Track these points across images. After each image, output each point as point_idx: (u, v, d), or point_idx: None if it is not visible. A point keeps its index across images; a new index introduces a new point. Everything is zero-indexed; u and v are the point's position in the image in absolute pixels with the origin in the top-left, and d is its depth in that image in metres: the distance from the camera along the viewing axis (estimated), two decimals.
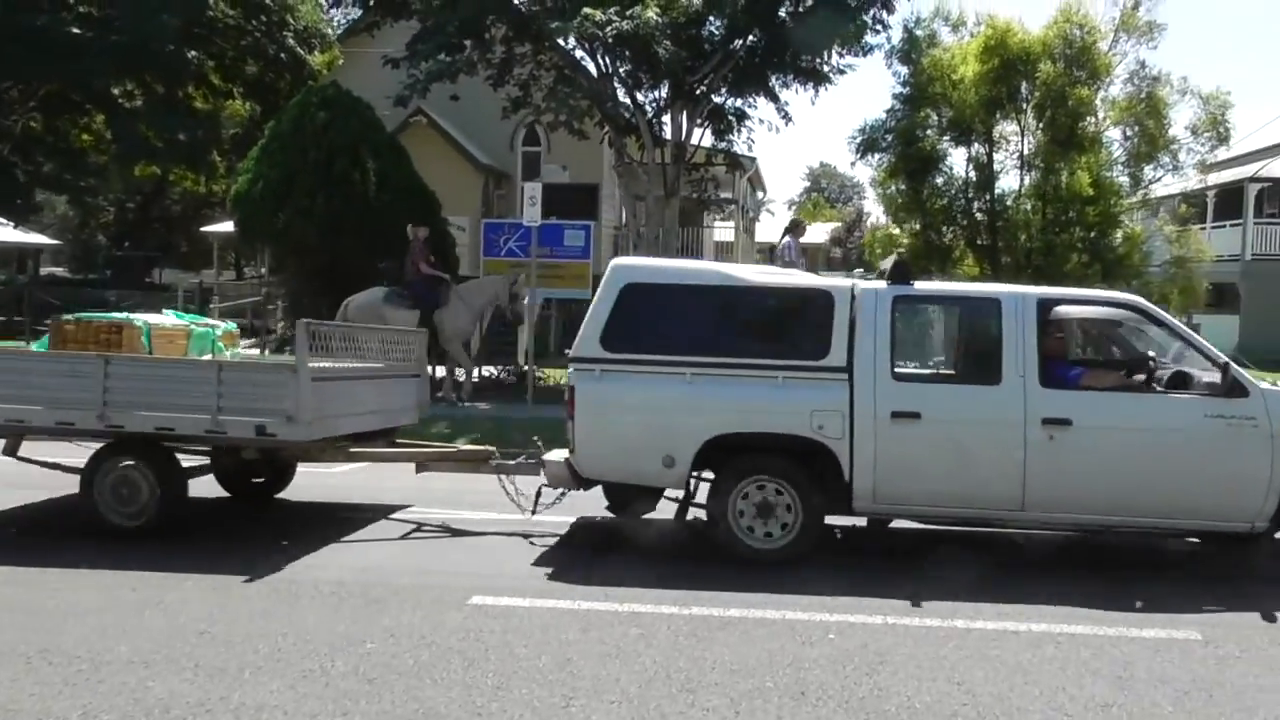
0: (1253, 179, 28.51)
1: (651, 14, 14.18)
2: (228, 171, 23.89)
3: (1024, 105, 15.07)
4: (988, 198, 15.81)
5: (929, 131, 16.11)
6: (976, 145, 15.91)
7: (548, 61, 17.42)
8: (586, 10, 14.13)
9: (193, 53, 21.06)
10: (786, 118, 18.99)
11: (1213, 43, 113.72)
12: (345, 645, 5.09)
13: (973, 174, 16.05)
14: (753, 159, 29.60)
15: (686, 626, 5.49)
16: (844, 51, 17.60)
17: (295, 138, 15.75)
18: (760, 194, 53.73)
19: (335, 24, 21.50)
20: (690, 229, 31.09)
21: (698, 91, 17.95)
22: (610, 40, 14.51)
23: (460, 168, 23.28)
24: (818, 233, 52.37)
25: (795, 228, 14.90)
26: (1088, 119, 14.96)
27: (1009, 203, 15.87)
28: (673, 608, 5.77)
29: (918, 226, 16.31)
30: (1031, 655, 5.14)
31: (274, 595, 5.93)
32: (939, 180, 16.06)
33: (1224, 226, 30.11)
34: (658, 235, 17.94)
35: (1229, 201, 29.60)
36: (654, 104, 18.59)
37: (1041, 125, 15.15)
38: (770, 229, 64.63)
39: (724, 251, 31.53)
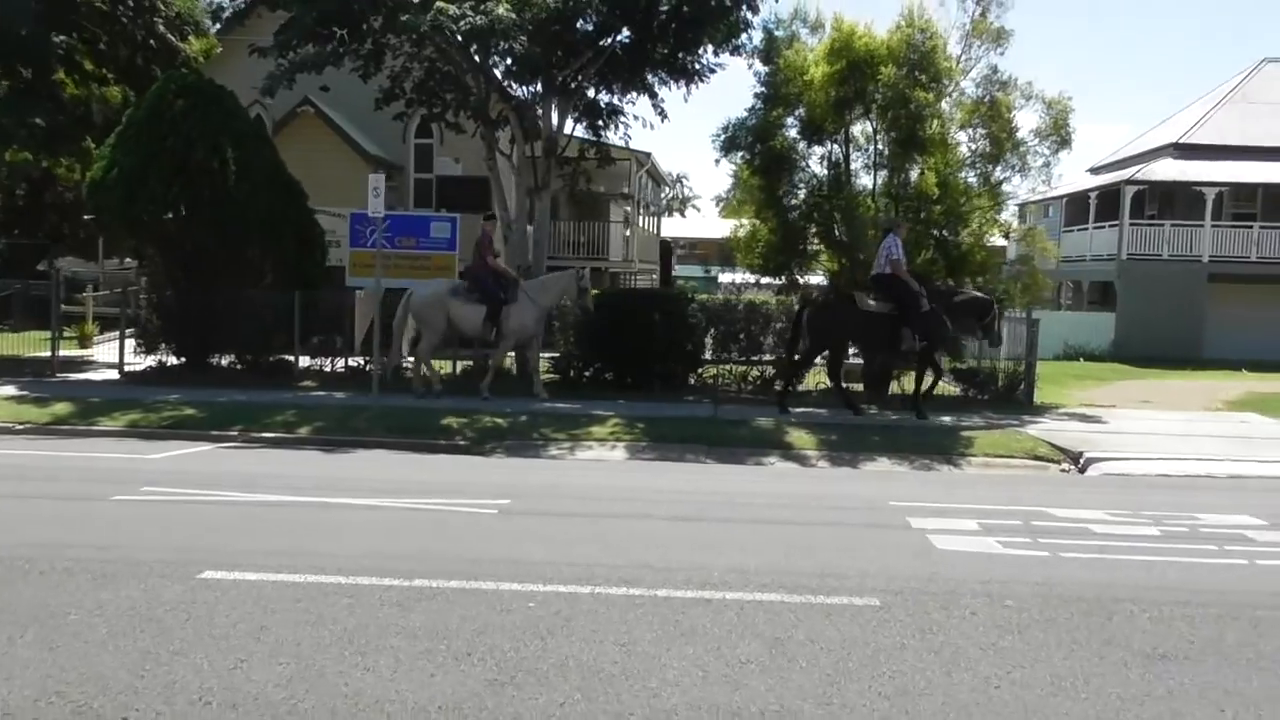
0: (1128, 182, 29.54)
1: (503, 10, 14.36)
2: None
3: (871, 107, 15.52)
4: (843, 196, 16.24)
5: (785, 131, 16.53)
6: (830, 144, 16.37)
7: (419, 54, 17.54)
8: (440, 4, 14.28)
9: (60, 37, 20.77)
10: (663, 114, 19.36)
11: (1106, 55, 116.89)
12: (47, 617, 5.25)
13: (827, 172, 16.49)
14: (648, 154, 30.02)
15: (398, 597, 5.73)
16: (717, 50, 18.00)
17: (152, 125, 15.71)
18: (669, 188, 54.32)
19: (211, 10, 21.30)
20: (597, 224, 31.40)
21: (571, 86, 18.22)
22: (464, 35, 14.65)
23: (348, 159, 23.28)
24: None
25: (895, 227, 14.63)
26: (931, 121, 15.45)
27: (861, 201, 16.31)
28: (395, 580, 6.01)
29: (775, 223, 16.70)
30: (710, 620, 5.45)
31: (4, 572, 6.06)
32: (796, 178, 16.46)
33: (1104, 227, 31.17)
34: (526, 229, 18.16)
35: (1109, 203, 30.63)
36: (529, 98, 18.83)
37: (885, 126, 15.62)
38: (699, 224, 65.34)
39: (626, 244, 31.84)
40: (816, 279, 18.12)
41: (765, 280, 18.51)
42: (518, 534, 7.41)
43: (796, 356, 15.25)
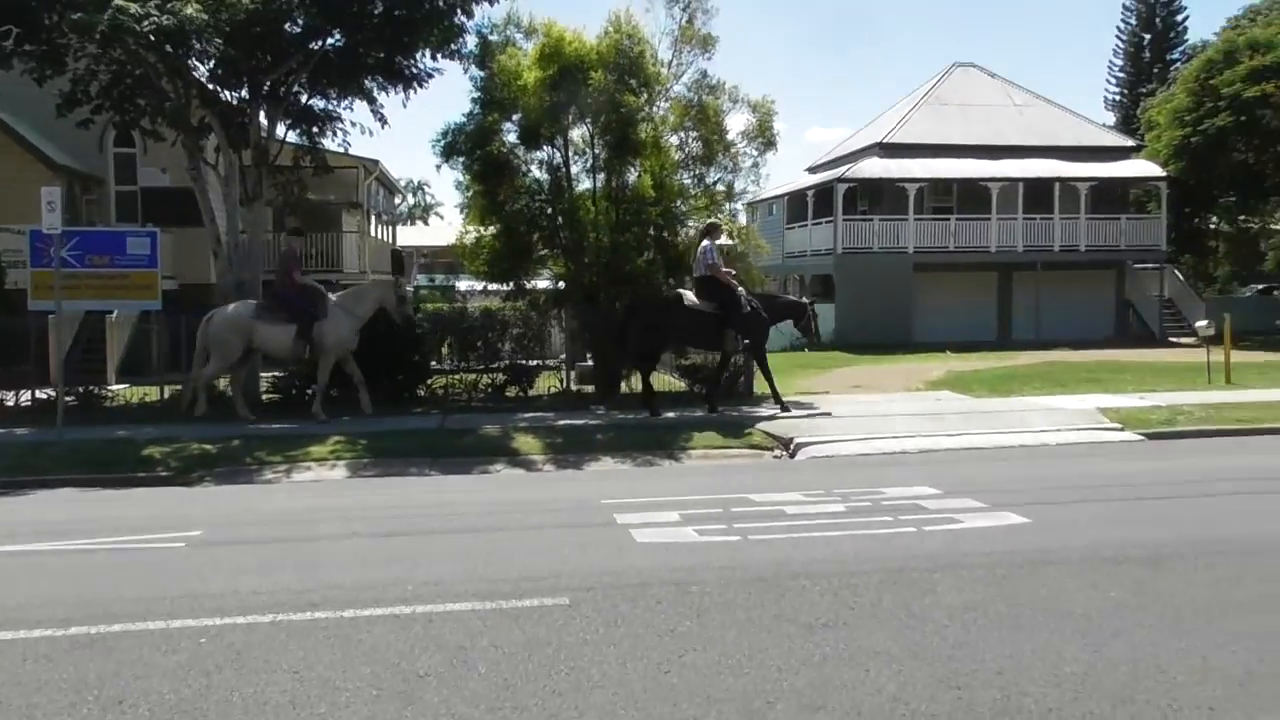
0: (839, 180, 31.53)
1: (193, 10, 13.55)
2: None
3: (584, 112, 15.75)
4: (564, 200, 16.39)
5: (504, 136, 16.51)
6: (549, 149, 16.49)
7: (105, 55, 16.26)
8: (119, 2, 13.29)
9: None
10: (383, 120, 18.84)
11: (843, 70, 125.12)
12: None
13: (547, 177, 16.61)
14: (375, 161, 29.24)
15: (47, 649, 5.24)
16: (434, 54, 17.70)
17: None
18: (405, 196, 53.25)
19: None
20: (330, 235, 30.26)
21: (281, 91, 17.45)
22: (152, 36, 13.71)
23: (33, 170, 21.26)
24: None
25: (712, 230, 15.27)
26: (643, 125, 15.87)
27: (583, 205, 16.52)
28: (48, 630, 5.51)
29: (499, 229, 16.65)
30: (395, 637, 5.33)
31: None
32: (516, 183, 16.47)
33: (821, 223, 33.15)
34: (238, 241, 17.24)
35: (826, 201, 32.57)
36: (236, 103, 17.87)
37: (599, 131, 15.92)
38: (444, 232, 64.22)
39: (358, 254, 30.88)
40: (544, 284, 18.19)
41: (494, 287, 18.39)
42: (203, 567, 6.98)
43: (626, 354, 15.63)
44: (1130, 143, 35.59)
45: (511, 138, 16.56)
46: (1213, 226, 38.58)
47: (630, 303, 15.80)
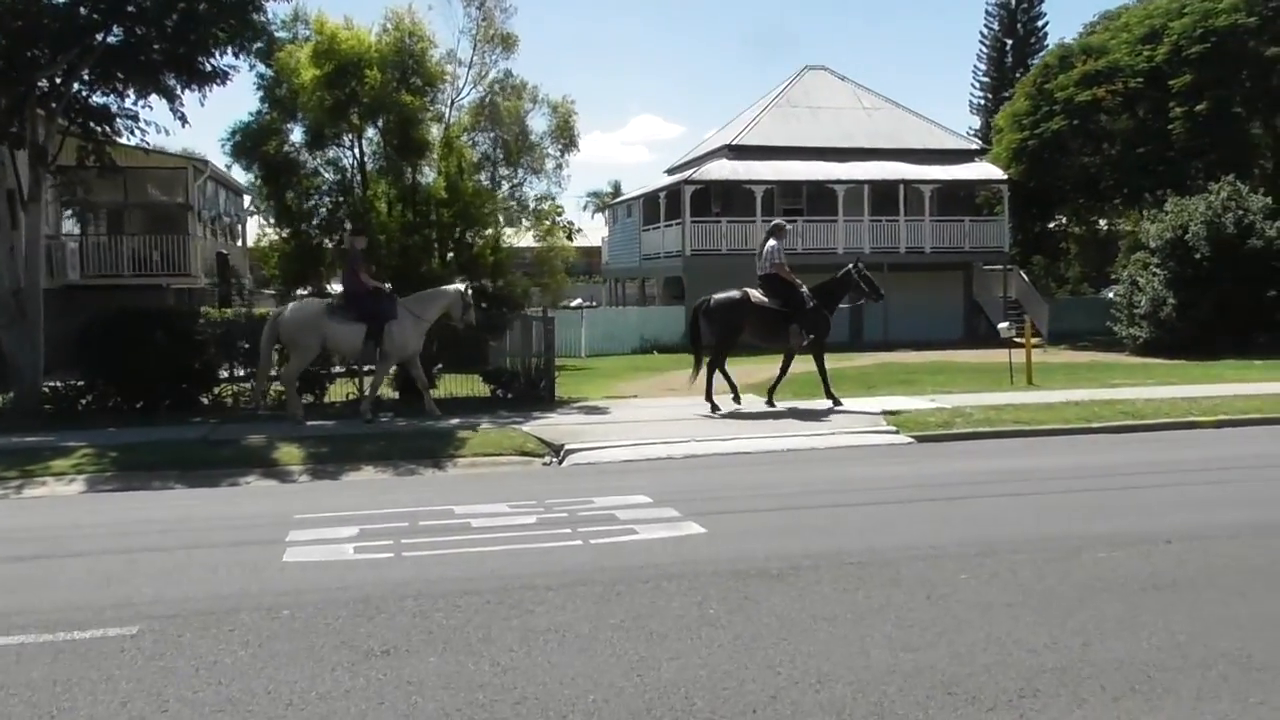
0: (686, 182, 31.60)
1: None
2: None
3: (364, 111, 15.33)
4: (353, 202, 15.93)
5: (289, 136, 16.03)
6: (336, 149, 16.03)
7: None
8: None
9: None
10: (183, 119, 18.09)
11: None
12: None
13: (332, 177, 16.14)
14: (205, 160, 28.25)
15: None
16: (226, 51, 17.05)
17: None
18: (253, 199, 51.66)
19: None
20: (175, 237, 29.14)
21: (60, 88, 16.60)
22: None
23: None
24: None
25: (777, 231, 16.01)
26: (427, 125, 15.52)
27: (375, 206, 16.08)
28: None
29: (288, 231, 16.12)
30: None
31: None
32: (304, 184, 15.95)
33: (672, 225, 33.17)
34: (11, 247, 16.32)
35: (677, 203, 32.59)
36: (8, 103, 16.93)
37: (381, 131, 15.52)
38: None
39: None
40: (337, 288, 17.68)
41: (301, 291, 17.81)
42: None
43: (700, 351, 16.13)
44: (975, 146, 36.47)
45: (296, 137, 16.05)
46: (1063, 228, 39.74)
47: (700, 302, 16.27)
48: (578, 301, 42.31)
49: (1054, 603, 5.74)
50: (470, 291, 15.75)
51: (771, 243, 15.83)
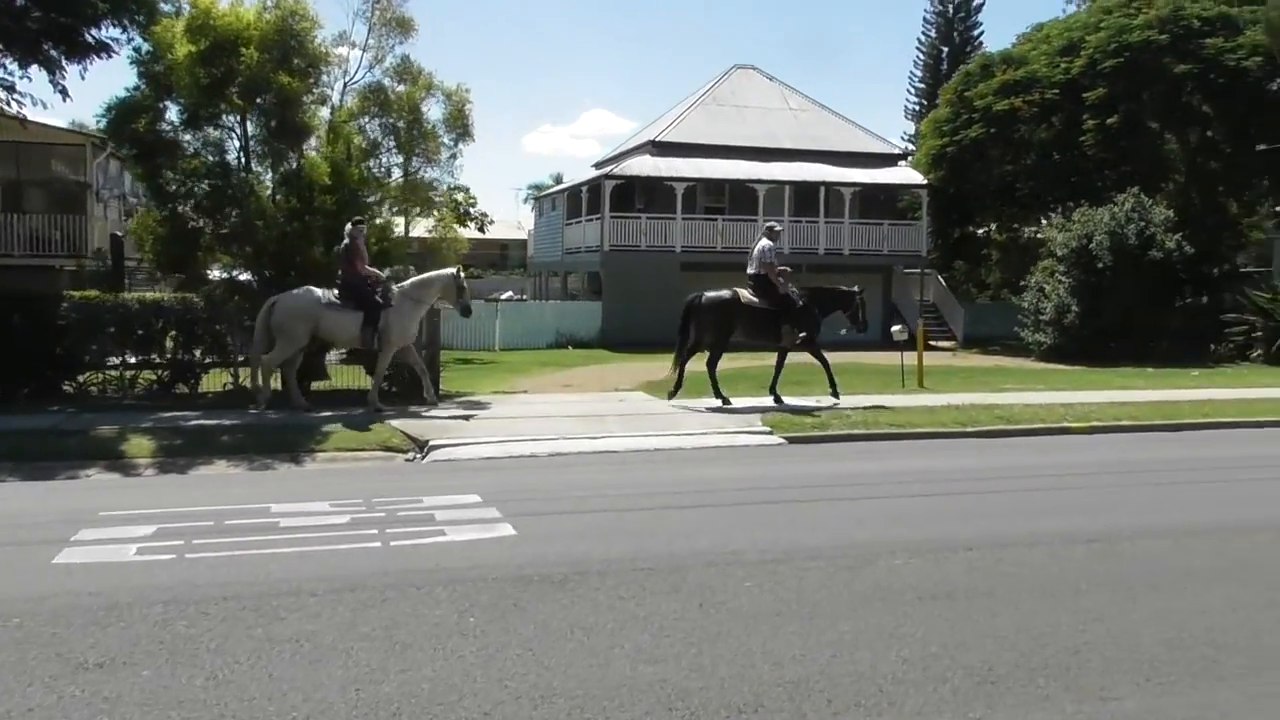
0: (607, 177, 31.36)
1: None
2: None
3: (241, 91, 14.86)
4: (232, 186, 15.46)
5: (165, 114, 15.49)
6: (213, 130, 15.53)
7: None
8: None
9: None
10: (64, 93, 17.46)
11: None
12: None
13: (210, 159, 15.64)
14: (106, 138, 27.44)
15: None
16: (115, 23, 16.47)
17: None
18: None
19: None
20: (75, 217, 28.29)
21: None
22: None
23: None
24: None
25: (771, 233, 16.38)
26: (308, 108, 15.12)
27: (256, 190, 15.62)
28: None
29: (165, 214, 15.61)
30: None
31: None
32: (181, 166, 15.44)
33: (593, 220, 32.90)
34: None
35: (599, 198, 32.32)
36: None
37: (257, 113, 15.08)
38: None
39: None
40: (217, 273, 17.12)
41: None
42: None
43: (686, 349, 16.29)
44: (898, 150, 36.65)
45: (173, 116, 15.53)
46: (986, 235, 40.08)
47: (690, 301, 16.20)
48: (508, 294, 41.83)
49: (824, 612, 5.61)
50: (463, 274, 15.71)
51: (764, 243, 16.06)
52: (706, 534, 7.50)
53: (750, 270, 16.15)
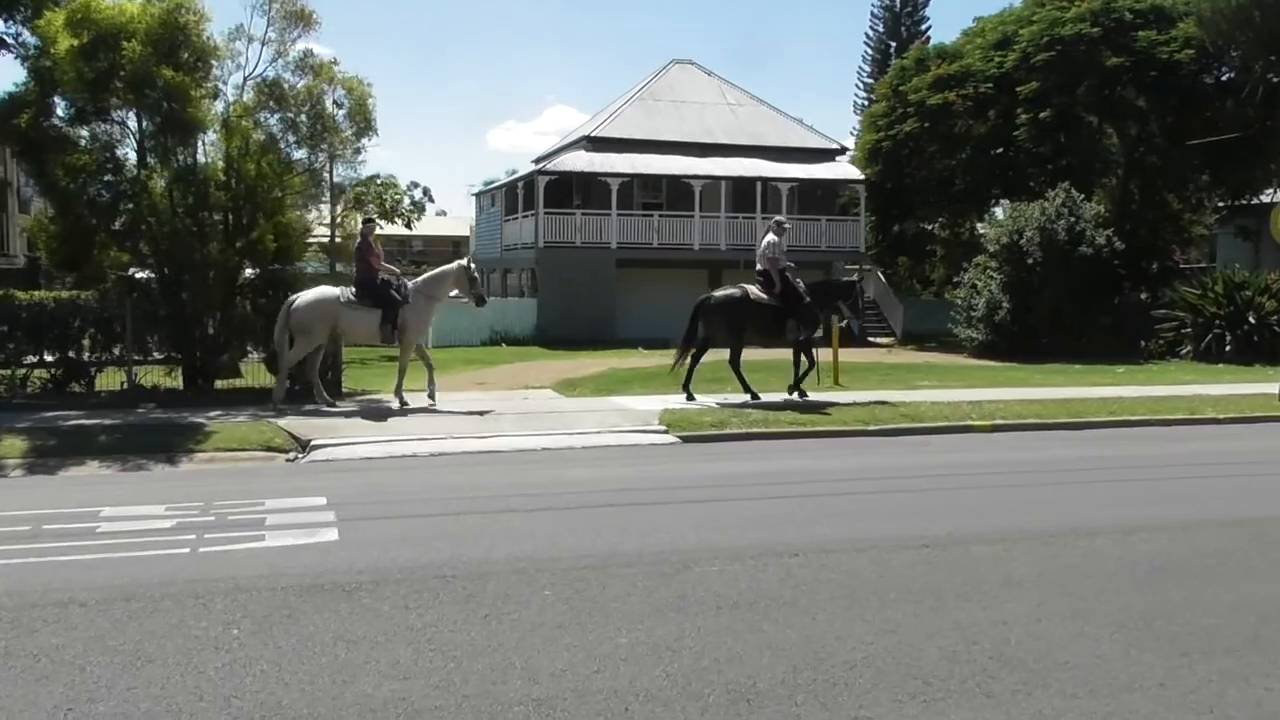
0: (540, 172, 31.11)
1: None
2: None
3: (127, 86, 14.44)
4: (124, 181, 15.06)
5: (52, 108, 15.05)
6: (101, 124, 15.10)
7: None
8: None
9: None
10: None
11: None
12: None
13: (103, 156, 15.22)
14: None
15: None
16: (6, 16, 16.09)
17: None
18: None
19: None
20: None
21: None
22: None
23: None
24: None
25: (778, 228, 16.26)
26: (198, 102, 14.71)
27: (150, 187, 15.22)
28: None
29: (55, 211, 15.19)
30: None
31: None
32: (68, 162, 14.99)
33: (529, 216, 32.60)
34: None
35: (535, 194, 32.03)
36: None
37: (143, 108, 14.68)
38: None
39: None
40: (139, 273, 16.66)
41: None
42: None
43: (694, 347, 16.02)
44: (836, 146, 36.56)
45: (61, 111, 15.10)
46: (928, 230, 40.12)
47: (700, 302, 16.06)
48: (454, 291, 41.37)
49: (612, 623, 5.40)
50: (473, 266, 15.65)
51: (770, 238, 15.95)
52: (533, 539, 7.26)
53: (760, 266, 16.07)
